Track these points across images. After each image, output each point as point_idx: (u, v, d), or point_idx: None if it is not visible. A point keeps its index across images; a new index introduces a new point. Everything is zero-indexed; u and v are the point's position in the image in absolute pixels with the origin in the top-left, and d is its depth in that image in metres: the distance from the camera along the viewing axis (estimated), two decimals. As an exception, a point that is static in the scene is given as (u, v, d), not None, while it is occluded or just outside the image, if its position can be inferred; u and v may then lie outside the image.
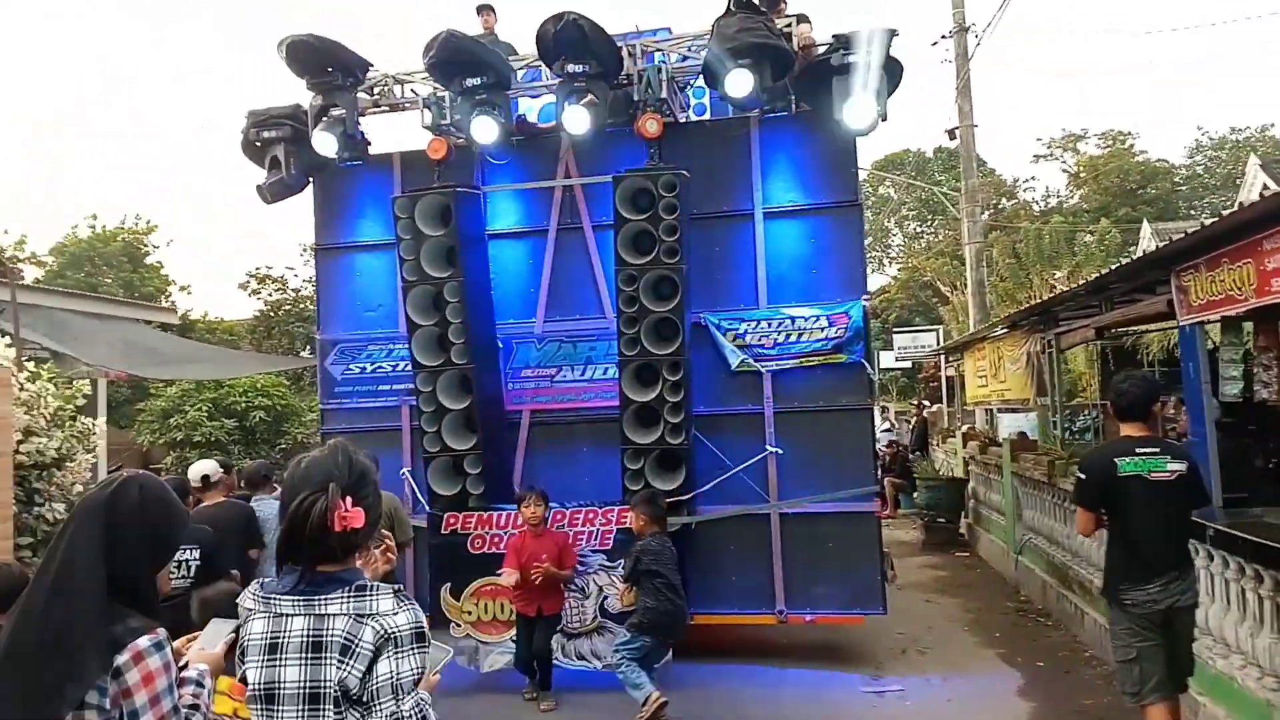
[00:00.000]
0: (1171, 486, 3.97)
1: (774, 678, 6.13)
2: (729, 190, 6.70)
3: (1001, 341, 10.59)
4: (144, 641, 1.93)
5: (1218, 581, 4.75)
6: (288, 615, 1.92)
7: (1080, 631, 6.77)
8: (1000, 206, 32.08)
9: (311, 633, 1.89)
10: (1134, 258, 6.15)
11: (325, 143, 6.62)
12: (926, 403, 20.69)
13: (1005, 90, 69.09)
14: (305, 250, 30.52)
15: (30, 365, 7.14)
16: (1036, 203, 33.32)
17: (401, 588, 1.99)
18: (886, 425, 19.36)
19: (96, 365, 14.31)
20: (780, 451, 6.47)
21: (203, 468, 5.73)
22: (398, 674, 1.86)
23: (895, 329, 29.38)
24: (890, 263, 37.31)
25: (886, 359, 27.74)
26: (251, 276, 30.00)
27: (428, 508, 6.57)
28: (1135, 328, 11.32)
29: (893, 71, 6.19)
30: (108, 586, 1.93)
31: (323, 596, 1.90)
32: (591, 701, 5.73)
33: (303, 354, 27.87)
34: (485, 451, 6.39)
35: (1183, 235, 5.15)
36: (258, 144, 7.00)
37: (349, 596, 1.90)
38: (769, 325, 6.50)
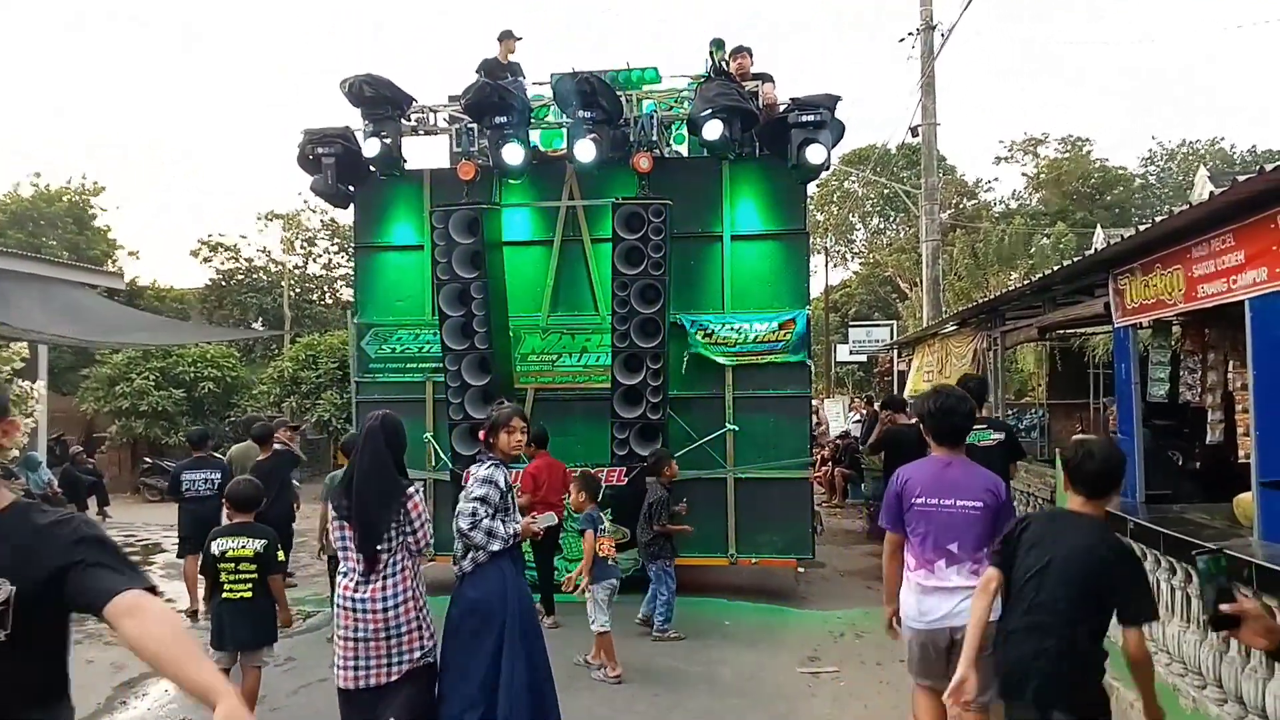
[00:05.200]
0: (992, 450, 6.30)
1: (721, 607, 8.37)
2: (703, 216, 8.92)
3: (950, 338, 11.59)
4: (412, 489, 4.18)
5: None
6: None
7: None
8: (961, 206, 34.80)
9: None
10: (1076, 259, 6.66)
11: (372, 147, 8.68)
12: (873, 396, 22.90)
13: (980, 90, 72.30)
14: (260, 218, 31.70)
15: None
16: (997, 204, 36.15)
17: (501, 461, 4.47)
18: (858, 417, 20.52)
19: (37, 333, 15.49)
20: (737, 428, 8.72)
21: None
22: (470, 491, 4.39)
23: (852, 323, 31.75)
24: (852, 258, 39.92)
25: (842, 352, 30.15)
26: (204, 244, 30.73)
27: (450, 465, 8.69)
28: (1082, 330, 12.41)
29: (837, 129, 8.45)
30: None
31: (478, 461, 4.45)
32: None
33: (254, 325, 29.02)
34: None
35: (1120, 239, 5.66)
36: (310, 157, 8.98)
37: (481, 461, 4.49)
38: (731, 327, 8.73)
